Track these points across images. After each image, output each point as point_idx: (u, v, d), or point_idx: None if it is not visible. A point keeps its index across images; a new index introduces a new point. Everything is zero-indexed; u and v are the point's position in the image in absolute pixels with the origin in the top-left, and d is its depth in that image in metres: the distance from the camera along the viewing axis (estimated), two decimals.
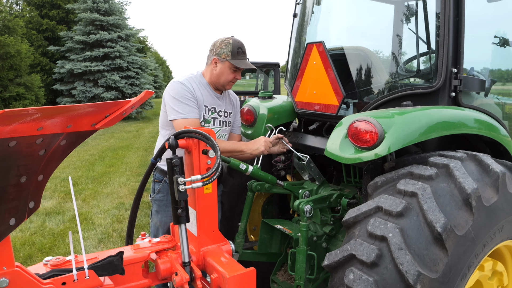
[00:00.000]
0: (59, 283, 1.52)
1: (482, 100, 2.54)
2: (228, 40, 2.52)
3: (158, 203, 2.71)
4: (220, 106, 2.65)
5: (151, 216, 2.80)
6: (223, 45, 2.50)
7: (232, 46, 2.49)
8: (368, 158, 1.93)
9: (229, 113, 2.74)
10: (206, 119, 2.58)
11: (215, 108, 2.62)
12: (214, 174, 1.76)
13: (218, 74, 2.55)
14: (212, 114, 2.61)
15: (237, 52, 2.49)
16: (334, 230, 2.45)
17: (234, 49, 2.49)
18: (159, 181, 2.69)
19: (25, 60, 15.17)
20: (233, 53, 2.49)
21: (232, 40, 2.52)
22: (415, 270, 1.51)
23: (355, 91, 2.54)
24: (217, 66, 2.54)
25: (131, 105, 1.32)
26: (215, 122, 2.64)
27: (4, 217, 1.23)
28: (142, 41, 24.03)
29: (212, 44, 2.58)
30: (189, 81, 2.53)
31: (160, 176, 2.69)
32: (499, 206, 1.77)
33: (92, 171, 7.89)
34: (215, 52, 2.53)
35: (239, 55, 2.51)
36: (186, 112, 2.42)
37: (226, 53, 2.49)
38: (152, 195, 2.74)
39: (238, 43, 2.52)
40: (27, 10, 19.20)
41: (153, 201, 2.73)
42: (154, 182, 2.74)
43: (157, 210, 2.72)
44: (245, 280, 1.80)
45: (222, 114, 2.67)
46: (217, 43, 2.54)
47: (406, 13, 2.74)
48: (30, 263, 3.97)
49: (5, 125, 1.02)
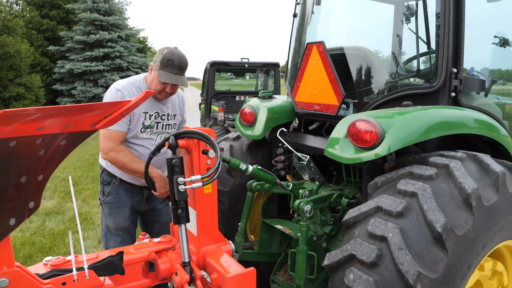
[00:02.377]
0: (59, 283, 1.52)
1: (482, 100, 2.54)
2: (163, 50, 2.41)
3: (109, 206, 2.65)
4: (163, 110, 2.61)
5: (103, 219, 2.72)
6: (159, 53, 2.42)
7: (164, 56, 2.37)
8: (368, 158, 1.93)
9: (174, 115, 2.70)
10: (147, 125, 2.54)
11: (158, 112, 2.58)
12: (214, 174, 1.76)
13: (150, 81, 2.50)
14: (155, 119, 2.57)
15: (166, 64, 2.37)
16: (334, 230, 2.45)
17: (164, 59, 2.37)
18: (107, 183, 2.65)
19: (25, 60, 15.18)
20: (162, 63, 2.37)
21: (167, 50, 2.40)
22: (415, 270, 1.51)
23: (355, 91, 2.54)
24: (152, 73, 2.48)
25: (131, 105, 1.32)
26: (158, 126, 2.61)
27: (4, 217, 1.23)
28: (142, 41, 24.02)
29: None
30: (128, 87, 2.48)
31: (109, 178, 2.64)
32: (499, 206, 1.77)
33: (92, 171, 7.89)
34: (153, 60, 2.46)
35: (167, 67, 2.37)
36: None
37: (158, 62, 2.39)
38: (102, 198, 2.69)
39: (172, 54, 2.38)
40: (27, 10, 19.21)
41: (104, 204, 2.67)
42: (103, 185, 2.68)
43: (109, 212, 2.65)
44: (245, 280, 1.80)
45: (165, 117, 2.64)
46: (158, 49, 2.47)
47: (406, 13, 2.74)
48: (30, 263, 3.97)
49: (5, 125, 1.02)
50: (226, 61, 9.31)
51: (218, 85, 10.60)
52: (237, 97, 9.50)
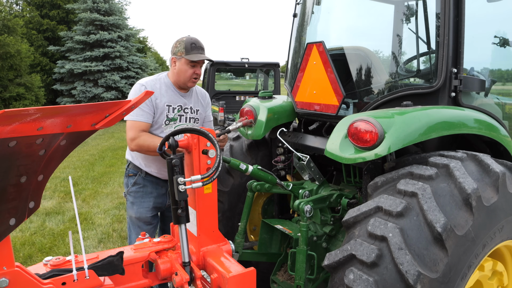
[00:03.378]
0: (59, 283, 1.52)
1: (482, 100, 2.53)
2: (181, 39, 2.61)
3: (133, 195, 2.75)
4: (186, 104, 2.73)
5: (127, 210, 2.81)
6: (178, 44, 2.60)
7: (185, 42, 2.57)
8: (368, 158, 1.93)
9: (196, 110, 2.81)
10: (171, 117, 2.66)
11: (181, 106, 2.70)
12: (214, 174, 1.76)
13: (178, 72, 2.63)
14: (179, 112, 2.69)
15: (191, 47, 2.57)
16: (334, 230, 2.45)
17: (187, 45, 2.56)
18: (133, 175, 2.76)
19: (25, 60, 15.16)
20: (186, 49, 2.56)
21: (186, 37, 2.61)
22: (415, 270, 1.51)
23: (355, 91, 2.54)
24: (176, 65, 2.62)
25: (131, 105, 1.32)
26: (181, 119, 2.72)
27: (4, 217, 1.23)
28: (142, 41, 24.00)
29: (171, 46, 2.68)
30: (153, 83, 2.63)
31: (134, 171, 2.76)
32: (499, 206, 1.77)
33: (92, 171, 7.89)
34: (173, 52, 2.64)
35: (193, 50, 2.58)
36: (136, 115, 2.51)
37: (181, 50, 2.57)
38: (126, 189, 2.79)
39: (192, 39, 2.60)
40: (27, 10, 19.19)
41: (128, 194, 2.77)
42: (128, 177, 2.79)
43: (133, 201, 2.75)
44: (245, 280, 1.80)
45: (189, 111, 2.75)
46: (174, 44, 2.64)
47: (406, 13, 2.74)
48: (30, 263, 3.97)
49: (5, 125, 1.02)
50: (226, 61, 9.32)
51: (218, 85, 10.60)
52: (237, 97, 9.50)
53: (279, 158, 2.92)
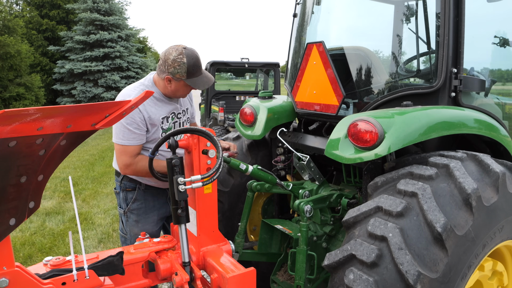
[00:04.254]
0: (59, 283, 1.52)
1: (482, 100, 2.53)
2: (181, 59, 2.26)
3: (136, 213, 2.53)
4: (177, 108, 2.54)
5: (128, 228, 2.56)
6: (176, 65, 2.27)
7: (187, 66, 2.27)
8: (368, 158, 1.93)
9: (186, 109, 2.64)
10: (166, 128, 2.46)
11: (174, 113, 2.51)
12: (214, 174, 1.76)
13: (174, 90, 2.39)
14: (173, 120, 2.50)
15: (193, 71, 2.30)
16: (334, 230, 2.45)
17: (189, 68, 2.28)
18: (132, 189, 2.53)
19: (25, 60, 15.17)
20: (188, 73, 2.29)
21: (186, 57, 2.27)
22: (415, 270, 1.51)
23: (355, 91, 2.54)
24: (172, 84, 2.36)
25: (131, 105, 1.32)
26: (176, 126, 2.55)
27: (4, 217, 1.23)
28: (142, 41, 24.01)
29: (163, 58, 2.32)
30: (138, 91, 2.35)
31: (132, 184, 2.52)
32: (499, 206, 1.77)
33: (92, 171, 7.89)
34: (168, 71, 2.30)
35: (196, 73, 2.32)
36: (127, 138, 2.30)
37: (181, 73, 2.29)
38: (125, 206, 2.55)
39: (192, 59, 2.29)
40: (27, 10, 19.19)
41: (130, 212, 2.54)
42: (126, 192, 2.53)
43: (137, 220, 2.53)
44: (245, 280, 1.80)
45: (181, 115, 2.58)
46: (169, 61, 2.28)
47: (406, 13, 2.74)
48: (30, 263, 3.97)
49: (5, 125, 1.02)
50: (226, 61, 9.31)
51: (218, 85, 10.60)
52: (237, 97, 9.50)
53: (279, 158, 2.92)
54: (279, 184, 2.48)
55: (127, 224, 2.57)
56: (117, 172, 2.57)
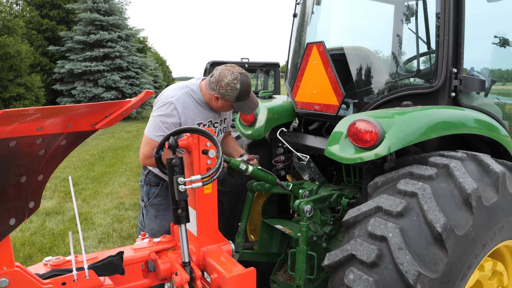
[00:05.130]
0: (59, 283, 1.52)
1: (482, 100, 2.54)
2: (235, 84, 2.29)
3: (156, 208, 2.61)
4: (215, 118, 2.57)
5: (147, 222, 2.65)
6: (229, 89, 2.30)
7: (239, 92, 2.31)
8: (368, 158, 1.93)
9: (224, 119, 2.69)
10: None
11: (211, 121, 2.54)
12: (214, 174, 1.76)
13: (219, 107, 2.44)
14: (208, 127, 2.52)
15: (243, 97, 2.35)
16: (334, 230, 2.45)
17: (240, 94, 2.32)
18: (155, 184, 2.61)
19: (25, 61, 15.16)
20: (238, 97, 2.34)
21: (240, 83, 2.30)
22: (415, 270, 1.51)
23: (355, 91, 2.54)
24: (219, 102, 2.40)
25: (131, 105, 1.32)
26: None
27: (4, 217, 1.23)
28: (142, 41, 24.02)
29: (216, 78, 2.33)
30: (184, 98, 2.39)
31: (156, 180, 2.61)
32: (499, 206, 1.77)
33: (92, 171, 7.89)
34: (219, 91, 2.33)
35: (245, 97, 2.36)
36: (156, 135, 2.33)
37: (231, 97, 2.33)
38: (147, 200, 2.63)
39: (245, 86, 2.32)
40: (27, 10, 19.19)
41: (150, 206, 2.62)
42: (150, 186, 2.63)
43: (156, 215, 2.61)
44: (245, 280, 1.80)
45: (218, 124, 2.61)
46: (223, 83, 2.30)
47: (406, 13, 2.74)
48: (30, 263, 3.97)
49: (5, 125, 1.02)
50: (226, 61, 9.32)
51: None
52: None
53: (279, 158, 2.92)
54: (279, 184, 2.48)
55: (146, 217, 2.67)
56: (143, 166, 2.65)
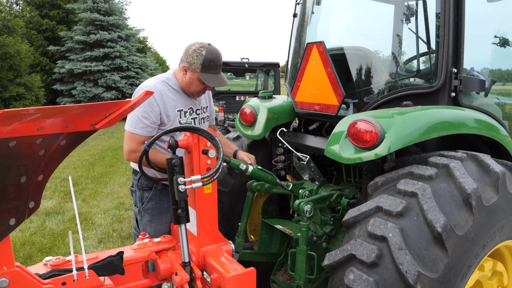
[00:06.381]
0: (59, 283, 1.52)
1: (482, 100, 2.54)
2: (201, 51, 2.30)
3: (151, 212, 2.54)
4: (196, 105, 2.54)
5: (142, 227, 2.58)
6: (195, 55, 2.30)
7: (204, 58, 2.29)
8: (368, 158, 1.93)
9: (205, 107, 2.65)
10: (183, 123, 2.44)
11: (192, 108, 2.51)
12: (214, 175, 1.76)
13: (187, 83, 2.40)
14: (191, 115, 2.50)
15: (208, 66, 2.31)
16: (334, 230, 2.45)
17: (205, 62, 2.29)
18: (148, 188, 2.54)
19: (25, 60, 15.15)
20: (203, 66, 2.30)
21: (206, 50, 2.31)
22: (415, 270, 1.51)
23: (355, 91, 2.54)
24: (187, 74, 2.37)
25: (131, 105, 1.32)
26: (195, 122, 2.54)
27: (4, 217, 1.23)
28: (142, 41, 23.99)
29: (186, 48, 2.38)
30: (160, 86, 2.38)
31: (149, 184, 2.53)
32: (499, 206, 1.77)
33: (92, 171, 7.89)
34: (186, 60, 2.34)
35: (211, 69, 2.32)
36: (140, 127, 2.32)
37: (197, 65, 2.30)
38: (140, 205, 2.56)
39: (212, 55, 2.31)
40: (27, 10, 19.18)
41: (144, 211, 2.55)
42: (143, 191, 2.55)
43: (151, 219, 2.54)
44: (245, 280, 1.80)
45: (200, 111, 2.58)
46: (190, 50, 2.33)
47: (406, 13, 2.74)
48: (30, 263, 3.97)
49: (5, 125, 1.02)
50: (226, 61, 9.31)
51: None
52: (237, 97, 9.50)
53: (279, 158, 2.92)
54: (279, 184, 2.48)
55: (141, 223, 2.60)
56: (134, 171, 2.60)
